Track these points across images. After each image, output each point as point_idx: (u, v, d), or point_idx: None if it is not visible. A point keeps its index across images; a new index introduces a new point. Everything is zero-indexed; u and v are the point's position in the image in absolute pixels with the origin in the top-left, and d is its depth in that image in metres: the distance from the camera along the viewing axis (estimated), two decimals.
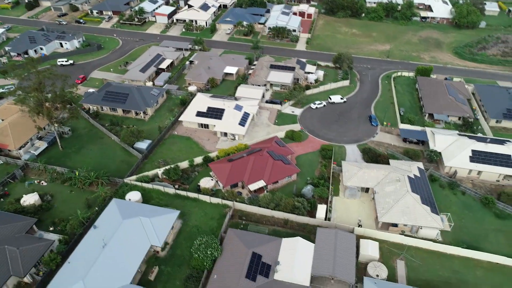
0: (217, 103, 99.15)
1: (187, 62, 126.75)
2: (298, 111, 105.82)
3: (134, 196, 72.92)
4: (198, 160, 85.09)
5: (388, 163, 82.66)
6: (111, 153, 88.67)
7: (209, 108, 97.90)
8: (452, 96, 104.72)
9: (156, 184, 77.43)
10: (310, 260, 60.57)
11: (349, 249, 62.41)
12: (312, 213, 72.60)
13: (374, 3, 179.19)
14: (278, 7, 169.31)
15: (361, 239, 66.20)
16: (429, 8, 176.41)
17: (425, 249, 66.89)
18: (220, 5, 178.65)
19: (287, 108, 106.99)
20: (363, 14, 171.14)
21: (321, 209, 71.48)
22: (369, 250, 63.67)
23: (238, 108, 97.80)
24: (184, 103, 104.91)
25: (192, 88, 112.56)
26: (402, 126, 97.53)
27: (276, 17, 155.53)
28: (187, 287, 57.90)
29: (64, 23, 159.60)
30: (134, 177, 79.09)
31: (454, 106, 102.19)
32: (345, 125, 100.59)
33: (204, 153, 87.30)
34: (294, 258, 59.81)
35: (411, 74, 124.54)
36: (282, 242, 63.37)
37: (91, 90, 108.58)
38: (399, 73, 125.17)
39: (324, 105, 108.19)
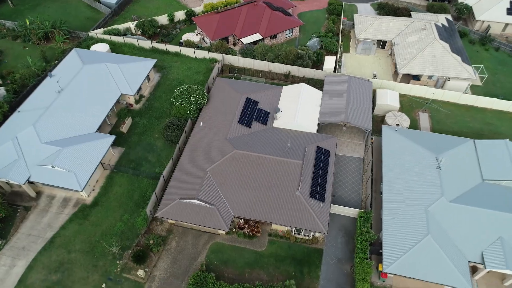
0: None
1: None
2: None
3: (101, 47, 59.29)
4: (180, 15, 70.07)
5: (410, 16, 68.68)
6: (73, 10, 73.02)
7: None
8: None
9: (129, 37, 63.39)
10: (317, 106, 49.58)
11: (365, 96, 51.24)
12: (318, 67, 60.30)
13: None
14: None
15: (377, 89, 54.87)
16: None
17: (452, 103, 56.09)
18: None
19: None
20: None
21: (329, 61, 58.96)
22: (388, 99, 52.61)
23: None
24: None
25: None
26: None
27: None
28: (167, 136, 47.32)
29: None
30: (101, 30, 64.68)
31: None
32: None
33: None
34: (298, 104, 48.57)
35: None
36: (283, 89, 51.84)
37: None
38: None
39: None
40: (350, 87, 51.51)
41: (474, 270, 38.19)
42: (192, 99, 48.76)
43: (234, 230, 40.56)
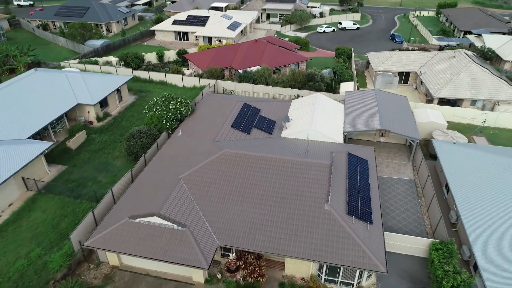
0: (200, 12, 78.27)
1: None
2: (302, 35, 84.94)
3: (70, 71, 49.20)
4: (171, 55, 62.37)
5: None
6: (54, 54, 65.74)
7: (189, 16, 76.59)
8: (490, 14, 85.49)
9: (109, 66, 53.96)
10: (340, 115, 36.66)
11: (401, 106, 38.87)
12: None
13: None
14: None
15: (414, 109, 42.65)
16: None
17: (509, 130, 43.27)
18: None
19: (289, 32, 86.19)
20: None
21: (346, 86, 48.28)
22: (430, 116, 39.97)
23: (227, 17, 76.78)
24: (160, 21, 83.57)
25: None
26: (436, 37, 76.79)
27: None
28: (130, 148, 32.97)
29: None
30: (75, 60, 55.78)
31: (495, 21, 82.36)
32: (363, 43, 79.61)
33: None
34: (314, 113, 35.53)
35: (431, 13, 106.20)
36: (292, 102, 39.63)
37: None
38: (417, 13, 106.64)
39: (334, 30, 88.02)
40: (380, 98, 39.47)
41: None
42: (171, 107, 36.11)
43: (220, 275, 23.44)
